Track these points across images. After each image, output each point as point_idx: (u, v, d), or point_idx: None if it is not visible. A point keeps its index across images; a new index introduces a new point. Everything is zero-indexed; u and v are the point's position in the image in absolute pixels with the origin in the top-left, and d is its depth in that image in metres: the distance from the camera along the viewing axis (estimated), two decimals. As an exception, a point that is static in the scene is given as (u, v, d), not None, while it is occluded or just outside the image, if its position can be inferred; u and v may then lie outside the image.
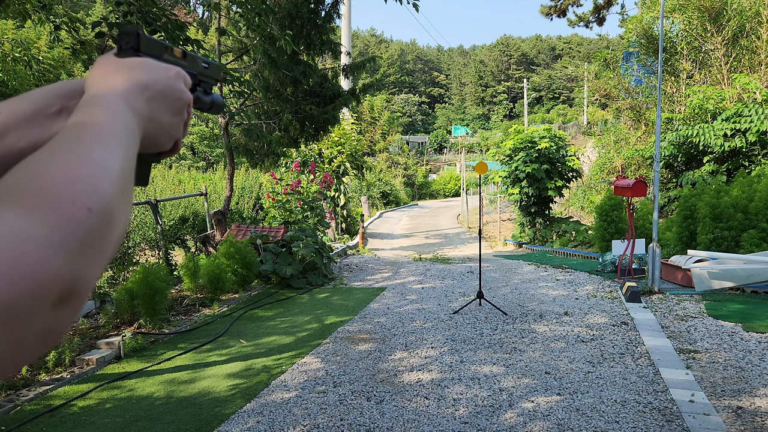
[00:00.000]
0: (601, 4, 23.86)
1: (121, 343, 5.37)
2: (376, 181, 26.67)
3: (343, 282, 8.92)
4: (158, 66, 0.57)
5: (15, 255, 0.36)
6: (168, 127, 0.58)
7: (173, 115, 0.58)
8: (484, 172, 6.81)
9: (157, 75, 0.56)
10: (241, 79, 5.93)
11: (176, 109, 0.58)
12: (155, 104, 0.55)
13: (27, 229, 0.37)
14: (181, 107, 0.59)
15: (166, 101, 0.57)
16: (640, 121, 15.64)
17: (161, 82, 0.56)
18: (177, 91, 0.58)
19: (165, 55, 0.60)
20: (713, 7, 13.13)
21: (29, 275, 0.36)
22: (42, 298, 0.37)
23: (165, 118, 0.57)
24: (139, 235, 8.76)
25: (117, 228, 0.44)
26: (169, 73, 0.58)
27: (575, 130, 41.17)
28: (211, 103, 0.68)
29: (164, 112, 0.57)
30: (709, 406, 3.85)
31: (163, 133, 0.57)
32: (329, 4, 9.07)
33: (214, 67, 0.69)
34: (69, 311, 0.40)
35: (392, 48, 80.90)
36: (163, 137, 0.58)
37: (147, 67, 0.56)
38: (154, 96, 0.55)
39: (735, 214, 7.96)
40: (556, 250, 12.06)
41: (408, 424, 3.74)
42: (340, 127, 13.57)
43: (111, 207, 0.43)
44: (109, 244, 0.43)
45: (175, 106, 0.58)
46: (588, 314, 6.43)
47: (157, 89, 0.56)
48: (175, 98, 0.58)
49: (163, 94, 0.56)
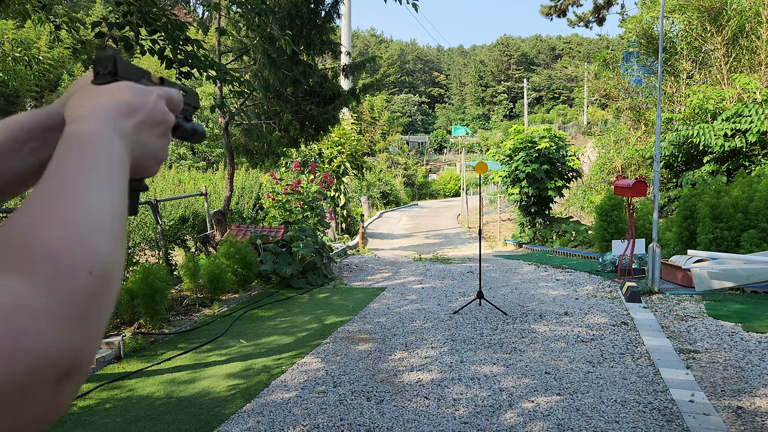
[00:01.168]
0: (601, 4, 23.86)
1: (121, 343, 5.38)
2: (376, 181, 26.67)
3: (343, 282, 8.91)
4: (141, 88, 0.55)
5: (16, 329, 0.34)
6: (155, 151, 0.56)
7: (159, 137, 0.56)
8: (484, 172, 6.81)
9: (142, 97, 0.55)
10: (241, 79, 5.93)
11: (161, 132, 0.57)
12: (142, 128, 0.53)
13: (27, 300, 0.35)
14: (166, 129, 0.57)
15: (152, 124, 0.55)
16: (640, 121, 15.64)
17: (146, 105, 0.54)
18: (161, 113, 0.56)
19: (143, 80, 0.59)
20: (713, 7, 13.14)
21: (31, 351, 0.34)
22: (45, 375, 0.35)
23: (151, 141, 0.55)
24: (139, 235, 8.76)
25: (116, 284, 0.42)
26: (151, 95, 0.56)
27: (575, 130, 41.17)
28: (192, 131, 0.65)
29: (150, 135, 0.55)
30: (709, 406, 3.85)
31: (149, 158, 0.55)
32: (329, 4, 9.07)
33: (192, 93, 0.67)
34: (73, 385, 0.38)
35: (392, 48, 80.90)
36: (150, 161, 0.56)
37: (131, 90, 0.54)
38: (141, 119, 0.53)
39: (735, 214, 7.96)
40: (556, 250, 12.06)
41: (408, 424, 3.74)
42: (340, 127, 13.57)
43: (111, 264, 0.41)
44: (109, 304, 0.41)
45: (160, 128, 0.56)
46: (588, 314, 6.43)
47: (144, 112, 0.54)
48: (160, 120, 0.56)
49: (149, 116, 0.54)
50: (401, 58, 79.51)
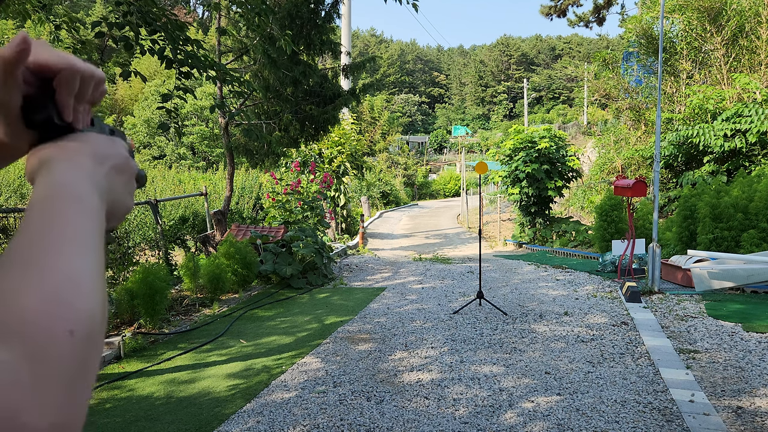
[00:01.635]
0: (601, 4, 23.86)
1: (121, 343, 5.37)
2: (376, 181, 26.67)
3: (343, 282, 8.91)
4: (104, 138, 0.54)
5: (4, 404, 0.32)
6: (123, 199, 0.55)
7: (126, 184, 0.55)
8: (484, 172, 6.81)
9: (108, 147, 0.53)
10: (241, 79, 5.93)
11: (128, 179, 0.56)
12: (112, 177, 0.52)
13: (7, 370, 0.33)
14: (131, 176, 0.56)
15: (120, 172, 0.54)
16: (640, 121, 15.64)
17: (114, 153, 0.54)
18: (126, 160, 0.56)
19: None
20: (713, 8, 13.14)
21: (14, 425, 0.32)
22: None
23: (120, 190, 0.54)
24: (139, 235, 8.76)
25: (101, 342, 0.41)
26: (116, 143, 0.55)
27: (575, 130, 41.17)
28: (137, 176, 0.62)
29: (119, 184, 0.54)
30: (709, 406, 3.85)
31: (120, 205, 0.54)
32: (329, 4, 9.07)
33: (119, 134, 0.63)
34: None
35: (392, 48, 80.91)
36: (121, 209, 0.55)
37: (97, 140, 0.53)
38: (111, 168, 0.52)
39: (735, 214, 7.96)
40: (556, 250, 12.06)
41: (408, 424, 3.74)
42: (340, 127, 13.57)
43: (93, 323, 0.39)
44: (96, 361, 0.40)
45: (127, 175, 0.55)
46: (588, 314, 6.43)
47: (113, 161, 0.53)
48: (126, 167, 0.55)
49: (117, 165, 0.53)
50: (401, 58, 79.52)
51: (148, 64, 31.07)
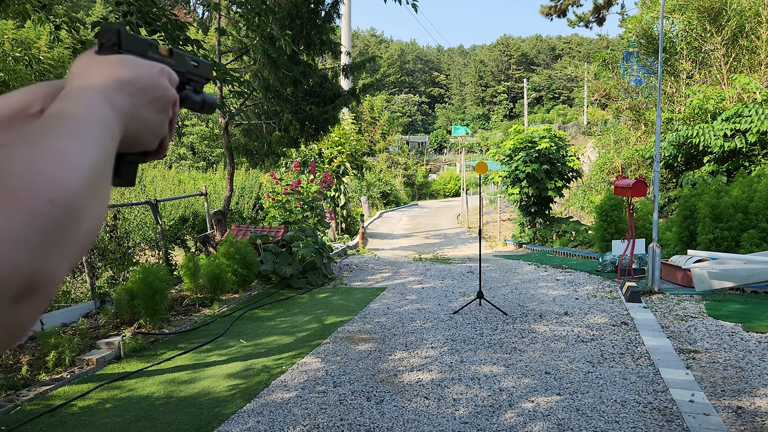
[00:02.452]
0: (601, 4, 23.87)
1: (121, 343, 5.37)
2: (376, 181, 26.67)
3: (343, 282, 8.91)
4: (140, 62, 0.56)
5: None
6: (152, 125, 0.56)
7: (157, 112, 0.56)
8: (484, 172, 6.81)
9: (138, 71, 0.55)
10: (241, 79, 5.93)
11: (160, 107, 0.57)
12: (137, 101, 0.54)
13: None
14: (165, 105, 0.57)
15: (149, 98, 0.55)
16: (640, 122, 15.64)
17: (143, 79, 0.55)
18: (161, 88, 0.57)
19: (150, 53, 0.59)
20: (713, 8, 13.14)
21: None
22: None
23: (148, 115, 0.55)
24: (139, 235, 8.76)
25: (86, 222, 0.42)
26: (152, 70, 0.56)
27: (575, 130, 41.17)
28: (203, 102, 0.66)
29: (147, 110, 0.55)
30: (709, 406, 3.85)
31: (146, 132, 0.56)
32: (329, 4, 9.07)
33: (204, 65, 0.67)
34: (31, 307, 0.38)
35: (392, 48, 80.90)
36: (148, 135, 0.56)
37: (128, 63, 0.55)
38: (135, 92, 0.54)
39: (735, 214, 7.96)
40: (556, 250, 12.06)
41: (408, 424, 3.74)
42: (340, 127, 13.57)
43: (77, 200, 0.41)
44: (76, 237, 0.42)
45: (158, 103, 0.56)
46: (588, 314, 6.43)
47: (139, 86, 0.54)
48: (159, 95, 0.56)
49: (145, 90, 0.55)
50: (401, 58, 79.51)
51: (148, 64, 31.03)
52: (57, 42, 6.42)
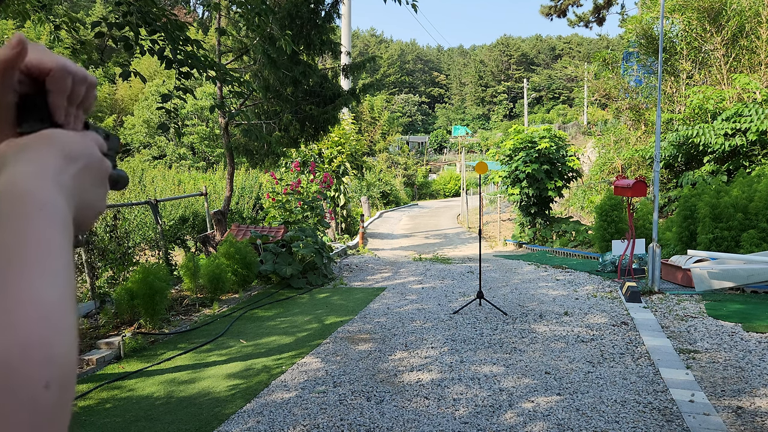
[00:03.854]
0: (601, 4, 23.86)
1: (121, 343, 5.37)
2: (376, 181, 26.67)
3: (343, 282, 8.91)
4: (75, 135, 0.50)
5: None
6: (94, 202, 0.51)
7: (97, 186, 0.51)
8: (484, 172, 6.81)
9: (78, 145, 0.49)
10: (240, 79, 5.93)
11: (100, 180, 0.52)
12: (81, 177, 0.48)
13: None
14: (103, 177, 0.52)
15: (91, 172, 0.50)
16: (640, 122, 15.64)
17: (84, 152, 0.49)
18: (98, 160, 0.51)
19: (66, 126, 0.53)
20: (713, 8, 13.14)
21: None
22: None
23: (90, 191, 0.50)
24: (139, 235, 8.76)
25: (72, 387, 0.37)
26: (88, 141, 0.51)
27: (575, 130, 41.16)
28: (117, 178, 0.59)
29: (89, 185, 0.50)
30: (709, 406, 3.85)
31: (89, 210, 0.50)
32: (329, 4, 9.07)
33: (114, 139, 0.61)
34: None
35: (392, 48, 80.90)
36: (90, 213, 0.51)
37: (66, 137, 0.49)
38: (80, 168, 0.48)
39: (735, 214, 7.96)
40: (556, 250, 12.06)
41: (408, 424, 3.74)
42: (340, 127, 13.57)
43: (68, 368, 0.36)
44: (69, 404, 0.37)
45: (98, 176, 0.51)
46: (588, 314, 6.43)
47: (83, 161, 0.49)
48: (97, 167, 0.51)
49: (87, 165, 0.49)
50: (401, 58, 79.50)
51: (148, 64, 31.06)
52: (57, 42, 6.42)
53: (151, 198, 8.50)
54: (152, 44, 4.94)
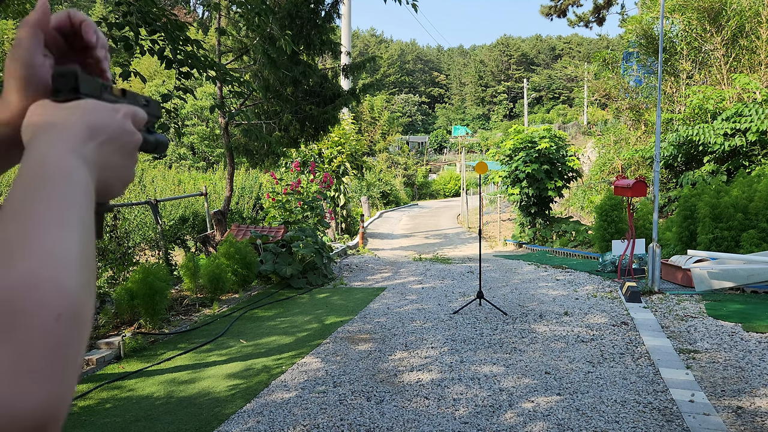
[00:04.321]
0: (601, 4, 23.86)
1: (121, 343, 5.37)
2: (376, 181, 26.67)
3: (343, 282, 8.91)
4: (104, 107, 0.52)
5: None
6: (120, 172, 0.53)
7: (124, 158, 0.53)
8: (484, 172, 6.81)
9: (105, 117, 0.51)
10: (240, 79, 5.92)
11: (128, 152, 0.53)
12: (107, 149, 0.50)
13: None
14: (132, 149, 0.54)
15: (118, 144, 0.52)
16: (640, 122, 15.64)
17: (111, 125, 0.51)
18: (127, 133, 0.53)
19: (104, 95, 0.56)
20: (713, 8, 13.14)
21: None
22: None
23: (116, 162, 0.52)
24: (139, 235, 8.76)
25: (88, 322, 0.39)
26: (116, 114, 0.53)
27: (575, 130, 41.17)
28: (156, 143, 0.63)
29: (116, 156, 0.52)
30: (709, 406, 3.85)
31: (116, 180, 0.52)
32: (329, 4, 9.07)
33: (154, 103, 0.64)
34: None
35: (392, 48, 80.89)
36: (116, 183, 0.53)
37: (94, 109, 0.51)
38: (105, 140, 0.50)
39: (735, 214, 7.96)
40: (556, 250, 12.06)
41: (408, 424, 3.74)
42: (340, 127, 13.57)
43: (80, 303, 0.38)
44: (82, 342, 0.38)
45: (126, 148, 0.53)
46: (588, 314, 6.43)
47: (108, 133, 0.51)
48: (127, 140, 0.53)
49: (113, 137, 0.51)
50: (401, 58, 79.50)
51: (148, 64, 31.07)
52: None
53: (151, 198, 8.50)
54: (152, 44, 4.94)
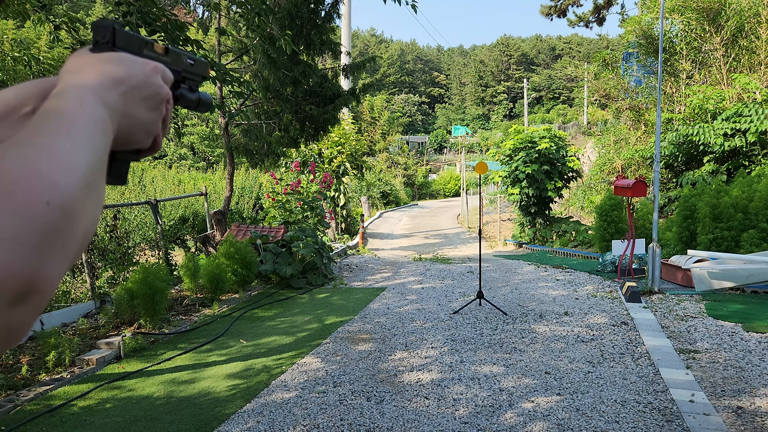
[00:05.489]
0: (601, 4, 23.86)
1: (121, 343, 5.37)
2: (376, 181, 26.68)
3: (343, 282, 8.91)
4: (134, 60, 0.55)
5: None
6: (145, 123, 0.56)
7: (150, 110, 0.56)
8: (484, 172, 6.81)
9: (132, 69, 0.54)
10: (240, 79, 5.92)
11: (153, 105, 0.56)
12: (130, 99, 0.53)
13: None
14: (158, 102, 0.57)
15: (142, 96, 0.55)
16: (640, 122, 15.65)
17: (136, 77, 0.54)
18: (154, 86, 0.56)
19: (145, 50, 0.58)
20: (712, 8, 13.14)
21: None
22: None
23: (141, 113, 0.55)
24: (139, 235, 8.76)
25: (81, 223, 0.42)
26: (145, 68, 0.56)
27: (575, 130, 41.18)
28: (198, 101, 0.65)
29: (140, 108, 0.55)
30: (709, 406, 3.85)
31: (139, 130, 0.55)
32: (329, 4, 9.07)
33: (201, 63, 0.66)
34: (29, 309, 0.39)
35: (392, 48, 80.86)
36: (140, 133, 0.56)
37: (121, 60, 0.54)
38: (128, 90, 0.53)
39: (735, 214, 7.96)
40: (556, 250, 12.06)
41: (408, 424, 3.74)
42: (340, 127, 13.57)
43: (72, 201, 0.41)
44: (73, 238, 0.42)
45: (151, 101, 0.56)
46: (588, 314, 6.43)
47: (132, 84, 0.54)
48: (152, 93, 0.56)
49: (137, 88, 0.54)
50: (401, 58, 79.47)
51: (148, 64, 31.04)
52: (57, 42, 6.42)
53: (151, 198, 8.51)
54: (152, 44, 4.93)
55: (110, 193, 11.54)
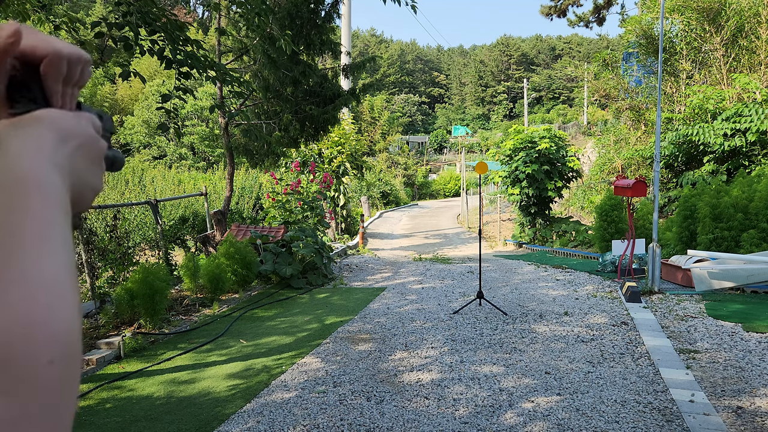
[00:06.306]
0: (601, 4, 23.86)
1: (121, 343, 5.37)
2: (376, 181, 26.68)
3: (343, 282, 8.91)
4: (67, 113, 0.49)
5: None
6: (90, 181, 0.50)
7: (93, 165, 0.50)
8: (484, 172, 6.81)
9: (72, 122, 0.48)
10: (240, 79, 5.92)
11: (95, 159, 0.51)
12: (77, 158, 0.47)
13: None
14: (99, 156, 0.51)
15: (87, 152, 0.49)
16: (640, 121, 15.65)
17: (79, 129, 0.48)
18: (93, 139, 0.50)
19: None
20: (712, 8, 13.14)
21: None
22: None
23: (87, 170, 0.49)
24: (139, 235, 8.76)
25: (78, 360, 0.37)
26: (81, 120, 0.50)
27: (575, 130, 41.19)
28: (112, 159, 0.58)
29: (86, 164, 0.49)
30: (709, 406, 3.85)
31: (87, 188, 0.49)
32: (329, 4, 9.07)
33: (107, 119, 0.60)
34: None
35: (392, 48, 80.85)
36: (88, 192, 0.50)
37: (59, 117, 0.47)
38: (75, 148, 0.47)
39: (735, 214, 7.95)
40: (556, 250, 12.06)
41: (408, 424, 3.74)
42: (339, 127, 13.57)
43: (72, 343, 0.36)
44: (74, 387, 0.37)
45: (94, 156, 0.50)
46: (588, 314, 6.43)
47: (78, 140, 0.48)
48: (93, 147, 0.50)
49: (83, 143, 0.48)
50: (401, 58, 79.46)
51: (148, 64, 31.07)
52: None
53: (151, 198, 8.50)
54: (152, 44, 4.94)
55: (110, 194, 11.54)
